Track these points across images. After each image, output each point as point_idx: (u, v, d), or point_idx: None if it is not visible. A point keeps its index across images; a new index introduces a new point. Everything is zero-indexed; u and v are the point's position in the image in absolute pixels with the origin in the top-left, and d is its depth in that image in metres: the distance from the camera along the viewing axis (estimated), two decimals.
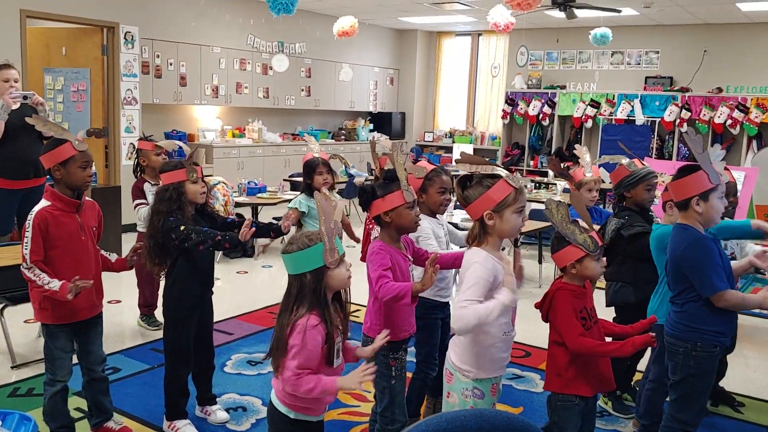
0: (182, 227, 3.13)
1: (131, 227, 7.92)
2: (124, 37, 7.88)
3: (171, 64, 9.39)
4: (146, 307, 4.97)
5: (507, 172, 2.40)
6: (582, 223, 2.57)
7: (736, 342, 3.84)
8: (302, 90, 11.59)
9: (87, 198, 3.14)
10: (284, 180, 9.27)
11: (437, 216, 3.37)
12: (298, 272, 2.21)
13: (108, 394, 3.30)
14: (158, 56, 9.20)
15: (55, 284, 2.87)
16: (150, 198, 4.59)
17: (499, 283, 2.38)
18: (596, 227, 3.35)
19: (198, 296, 3.39)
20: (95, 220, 3.14)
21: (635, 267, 3.57)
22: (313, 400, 2.26)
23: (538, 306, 2.69)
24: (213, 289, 3.53)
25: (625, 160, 3.74)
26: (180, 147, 5.50)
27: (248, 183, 8.00)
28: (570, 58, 12.24)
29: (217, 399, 3.67)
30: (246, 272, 6.75)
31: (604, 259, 2.65)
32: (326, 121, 12.74)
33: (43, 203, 2.96)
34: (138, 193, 4.76)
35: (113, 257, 3.26)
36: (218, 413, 3.57)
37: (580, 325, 2.52)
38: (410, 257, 2.85)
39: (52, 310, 2.99)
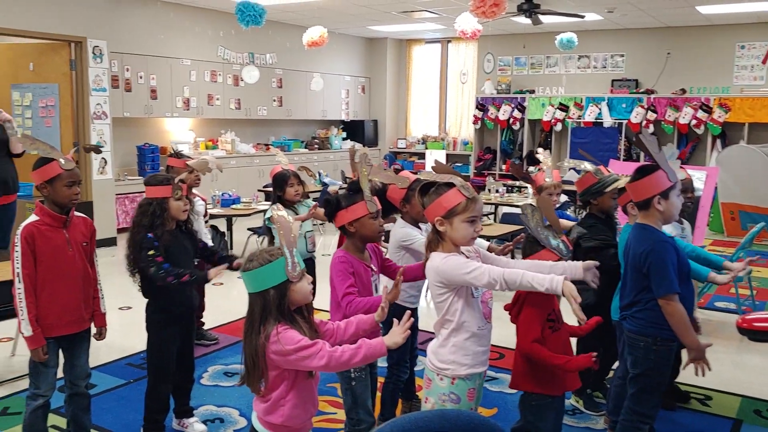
0: (151, 252, 3.18)
1: (104, 242, 7.90)
2: (93, 52, 7.85)
3: (141, 78, 9.37)
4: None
5: (462, 182, 2.45)
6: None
7: None
8: (274, 100, 11.62)
9: (78, 214, 3.16)
10: (258, 190, 9.29)
11: (420, 225, 3.42)
12: (261, 289, 2.17)
13: (88, 411, 3.30)
14: (128, 70, 9.18)
15: (27, 328, 2.93)
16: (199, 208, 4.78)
17: None
18: None
19: (179, 313, 3.40)
20: (86, 235, 3.17)
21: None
22: (300, 420, 2.24)
23: (507, 308, 2.76)
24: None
25: (590, 167, 3.81)
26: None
27: (222, 194, 8.00)
28: (538, 63, 12.43)
29: (195, 411, 3.68)
30: (222, 284, 6.75)
31: None
32: (299, 131, 12.77)
33: (32, 218, 3.01)
34: None
35: (104, 308, 3.29)
36: (195, 425, 3.59)
37: (540, 331, 2.59)
38: (374, 267, 2.90)
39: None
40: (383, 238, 3.14)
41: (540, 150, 4.51)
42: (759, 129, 10.38)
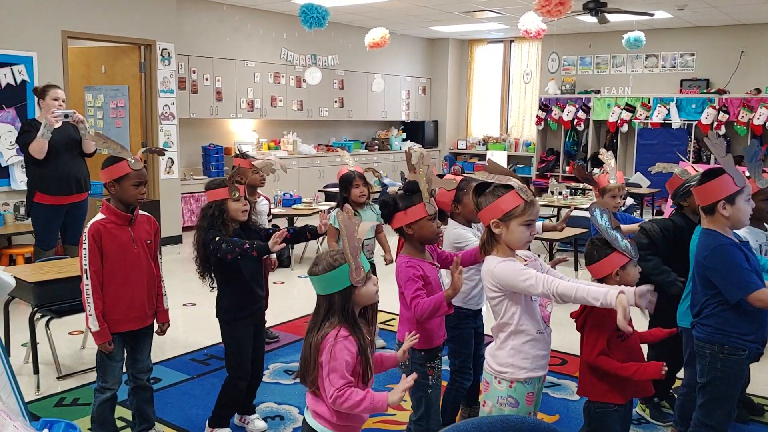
0: (216, 238, 3.21)
1: (170, 240, 8.10)
2: (161, 54, 8.06)
3: (207, 80, 9.58)
4: None
5: (520, 184, 2.39)
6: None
7: (763, 351, 3.71)
8: (335, 101, 11.71)
9: (143, 212, 3.25)
10: (319, 191, 9.37)
11: (472, 225, 3.38)
12: (326, 293, 2.21)
13: (152, 404, 3.39)
14: (194, 72, 9.39)
15: (95, 323, 3.03)
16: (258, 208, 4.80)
17: None
18: None
19: (250, 308, 3.42)
20: (150, 233, 3.25)
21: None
22: (354, 418, 2.24)
23: (573, 316, 2.69)
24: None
25: (677, 169, 3.70)
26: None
27: (284, 194, 8.11)
28: (603, 63, 12.15)
29: (256, 408, 3.72)
30: (282, 282, 6.83)
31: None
32: (359, 132, 12.83)
33: (99, 216, 3.10)
34: None
35: (167, 304, 3.38)
36: (256, 422, 3.62)
37: (605, 342, 2.52)
38: (437, 264, 2.88)
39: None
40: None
41: (603, 151, 4.37)
42: None
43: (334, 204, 7.93)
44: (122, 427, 3.53)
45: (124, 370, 3.27)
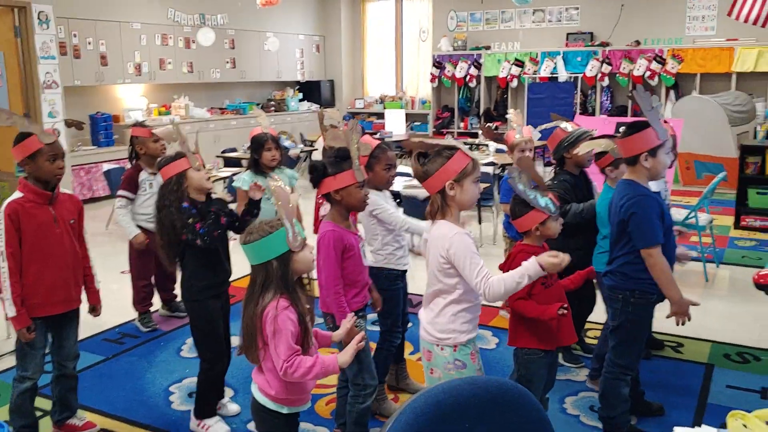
0: (190, 219, 2.99)
1: None
2: (38, 17, 7.51)
3: (90, 44, 9.04)
4: (141, 304, 4.74)
5: (462, 144, 2.46)
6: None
7: None
8: (227, 62, 11.35)
9: (65, 191, 3.07)
10: (217, 156, 9.11)
11: (383, 192, 3.38)
12: (263, 261, 2.17)
13: (75, 392, 3.26)
14: (75, 36, 8.83)
15: (12, 309, 2.88)
16: (148, 189, 4.53)
17: None
18: None
19: (219, 287, 3.24)
20: (73, 213, 3.07)
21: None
22: (301, 390, 2.26)
23: (502, 267, 2.79)
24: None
25: (563, 124, 3.87)
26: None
27: None
28: (493, 19, 12.38)
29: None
30: None
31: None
32: (254, 93, 12.53)
33: (16, 195, 2.91)
34: (129, 182, 4.53)
35: (99, 286, 3.24)
36: (229, 406, 3.48)
37: (526, 290, 2.61)
38: (361, 235, 2.91)
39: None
40: None
41: (512, 111, 4.52)
42: (710, 79, 10.58)
43: (237, 170, 7.77)
44: (40, 416, 3.37)
45: (47, 356, 3.11)
